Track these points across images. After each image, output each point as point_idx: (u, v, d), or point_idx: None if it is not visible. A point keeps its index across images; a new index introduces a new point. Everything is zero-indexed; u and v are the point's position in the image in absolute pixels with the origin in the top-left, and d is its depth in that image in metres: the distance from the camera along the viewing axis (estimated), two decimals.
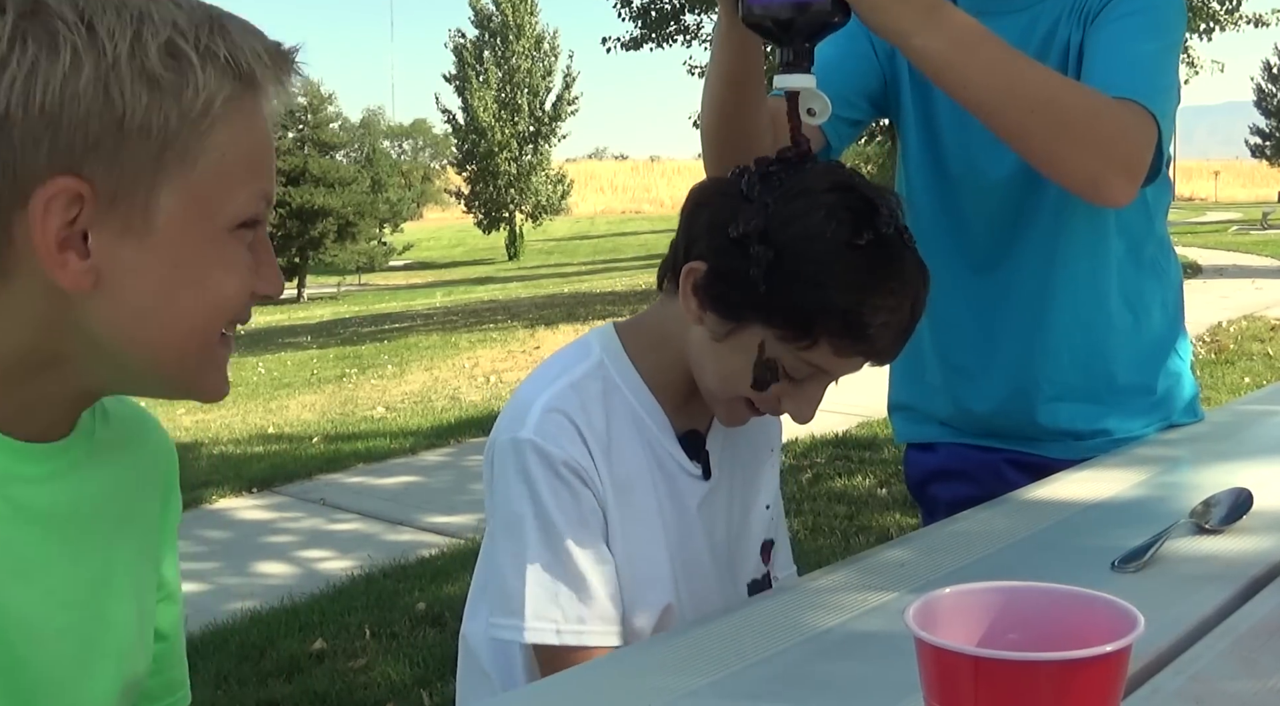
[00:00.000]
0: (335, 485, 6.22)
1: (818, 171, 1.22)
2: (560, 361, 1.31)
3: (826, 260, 1.15)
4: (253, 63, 0.80)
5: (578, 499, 1.22)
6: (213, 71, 0.78)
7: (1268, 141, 62.38)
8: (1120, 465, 1.65)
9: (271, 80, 0.83)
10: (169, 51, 0.76)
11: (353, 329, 16.92)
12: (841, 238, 1.15)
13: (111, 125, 0.75)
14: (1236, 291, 13.44)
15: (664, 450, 1.30)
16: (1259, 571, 1.20)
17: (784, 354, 1.19)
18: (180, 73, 0.76)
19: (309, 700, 3.39)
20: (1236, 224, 35.28)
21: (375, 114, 72.64)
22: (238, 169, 0.81)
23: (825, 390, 1.25)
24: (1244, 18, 18.74)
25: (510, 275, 34.76)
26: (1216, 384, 7.47)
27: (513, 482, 1.22)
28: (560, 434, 1.21)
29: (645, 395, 1.29)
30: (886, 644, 1.03)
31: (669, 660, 1.06)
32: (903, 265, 1.19)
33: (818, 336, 1.17)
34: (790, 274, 1.16)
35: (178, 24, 0.77)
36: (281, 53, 0.84)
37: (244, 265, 0.84)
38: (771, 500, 1.46)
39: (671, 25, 20.05)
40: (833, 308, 1.16)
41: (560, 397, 1.24)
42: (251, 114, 0.82)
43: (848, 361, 1.21)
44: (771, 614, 1.16)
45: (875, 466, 5.65)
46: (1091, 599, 0.74)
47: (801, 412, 1.25)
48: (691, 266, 1.21)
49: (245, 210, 0.83)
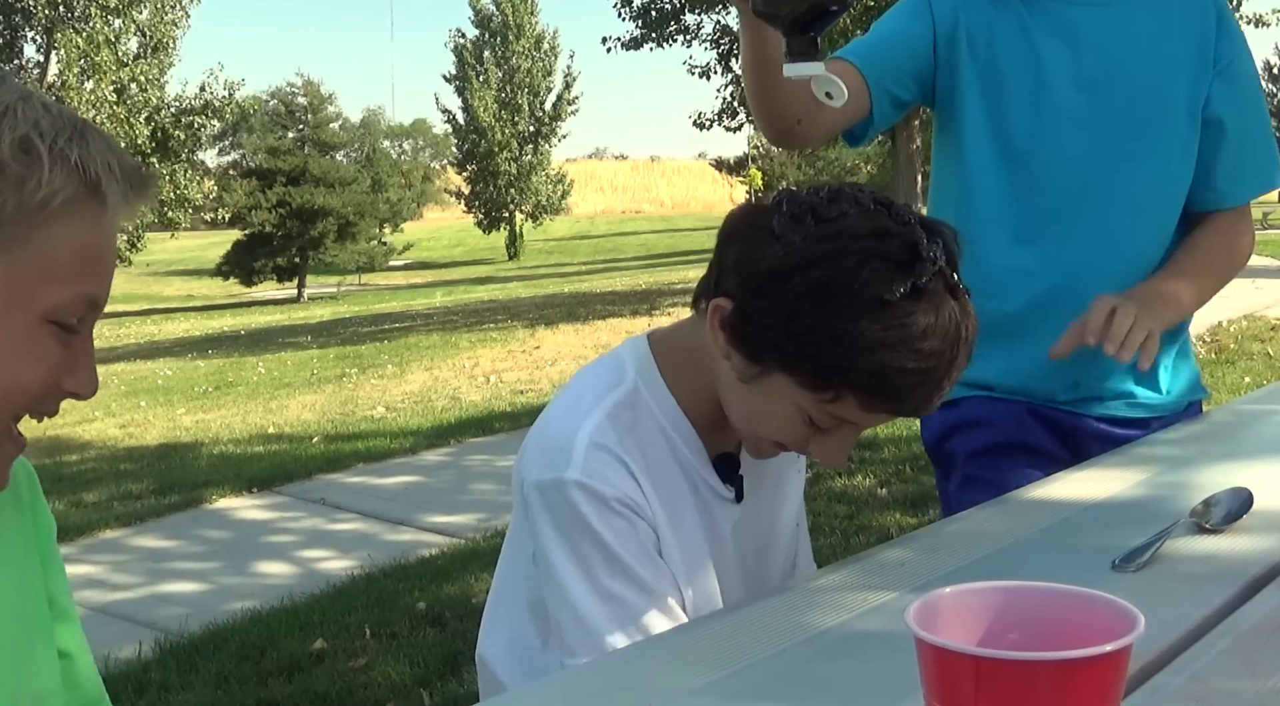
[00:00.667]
0: (335, 485, 6.22)
1: (859, 209, 1.13)
2: (593, 384, 1.25)
3: (852, 315, 1.08)
4: (101, 173, 0.85)
5: (635, 529, 1.19)
6: (60, 172, 0.82)
7: None
8: (1120, 465, 1.65)
9: (118, 194, 0.86)
10: (22, 146, 0.81)
11: (353, 329, 16.92)
12: (873, 292, 1.07)
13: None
14: (1236, 291, 13.40)
15: (698, 475, 1.27)
16: (1259, 571, 1.20)
17: (808, 404, 1.15)
18: (27, 166, 0.81)
19: (309, 700, 3.39)
20: None
21: (375, 114, 72.72)
22: (64, 267, 0.84)
23: (856, 437, 1.20)
24: (1244, 18, 18.75)
25: (510, 275, 34.77)
26: (1217, 384, 7.46)
27: (567, 524, 1.18)
28: (608, 470, 1.18)
29: (680, 419, 1.25)
30: (887, 644, 1.03)
31: (669, 660, 1.06)
32: (937, 321, 1.10)
33: (840, 391, 1.12)
34: (812, 324, 1.10)
35: (39, 124, 0.82)
36: (137, 173, 0.88)
37: (49, 359, 0.86)
38: (800, 517, 1.44)
39: (672, 25, 20.05)
40: (856, 366, 1.10)
41: (601, 432, 1.19)
42: (91, 220, 0.85)
43: (876, 416, 1.16)
44: (771, 614, 1.16)
45: (876, 466, 5.65)
46: (1091, 598, 0.74)
47: (831, 459, 1.21)
48: (718, 303, 1.17)
49: (63, 308, 0.85)
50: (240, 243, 35.40)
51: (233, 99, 27.86)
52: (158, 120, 27.56)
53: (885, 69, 1.62)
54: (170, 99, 28.51)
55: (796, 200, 1.15)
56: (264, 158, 37.90)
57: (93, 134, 0.86)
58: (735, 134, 20.57)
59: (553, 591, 1.20)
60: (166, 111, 27.96)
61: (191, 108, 27.87)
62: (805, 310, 1.10)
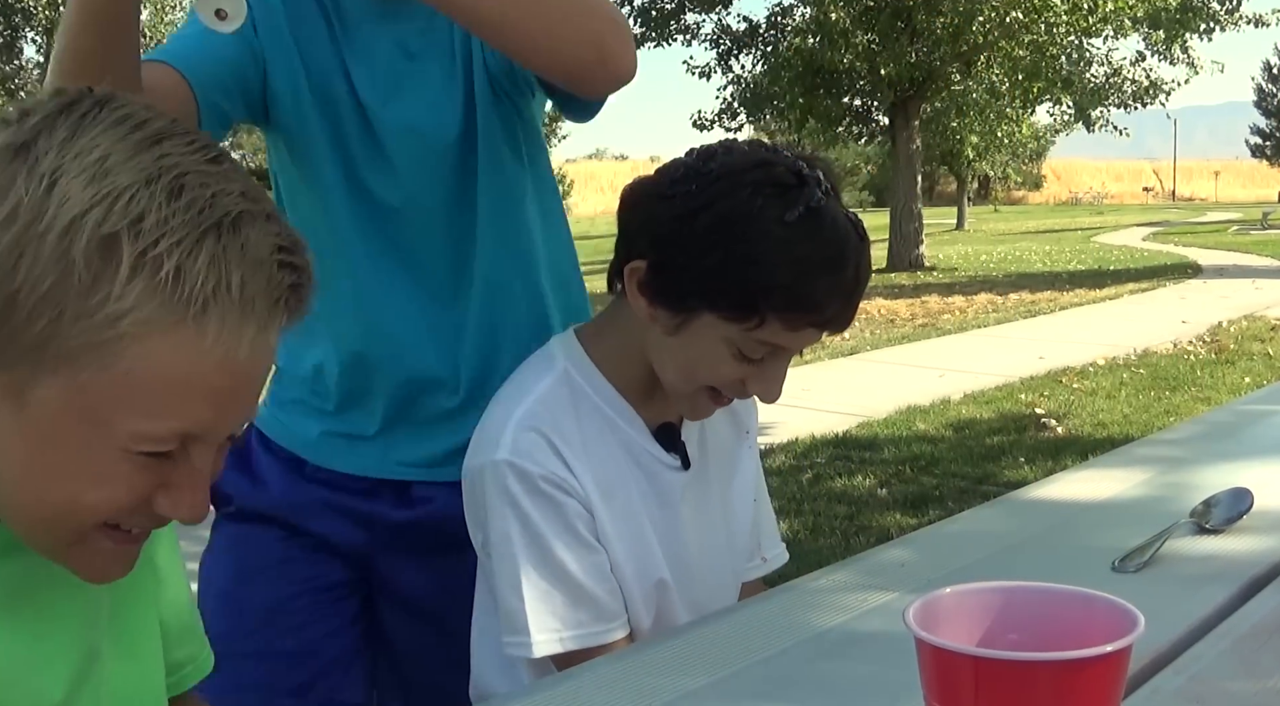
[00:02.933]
0: None
1: (736, 152, 1.22)
2: (525, 376, 1.30)
3: (758, 238, 1.15)
4: (211, 295, 0.69)
5: (561, 508, 1.22)
6: (140, 287, 0.67)
7: (1268, 141, 62.43)
8: (1120, 465, 1.65)
9: (232, 320, 0.70)
10: (104, 246, 0.67)
11: None
12: (771, 214, 1.15)
13: (2, 297, 0.68)
14: (1236, 291, 13.43)
15: (639, 447, 1.30)
16: (1259, 571, 1.20)
17: (736, 336, 1.19)
18: (99, 272, 0.67)
19: None
20: (1236, 224, 35.26)
21: None
22: (144, 397, 0.70)
23: (787, 366, 1.24)
24: (1244, 18, 18.76)
25: None
26: (1217, 384, 7.47)
27: (495, 504, 1.22)
28: (535, 450, 1.22)
29: (613, 396, 1.29)
30: (886, 644, 1.03)
31: (669, 660, 1.06)
32: (837, 231, 1.18)
33: (764, 314, 1.17)
34: (726, 256, 1.16)
35: (145, 220, 0.67)
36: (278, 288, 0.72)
37: (125, 484, 0.74)
38: (757, 491, 1.46)
39: (672, 24, 20.08)
40: (774, 284, 1.16)
41: (530, 415, 1.23)
42: (182, 348, 0.69)
43: (800, 334, 1.20)
44: (771, 614, 1.16)
45: (875, 466, 5.65)
46: (1091, 599, 0.74)
47: (768, 392, 1.25)
48: (632, 266, 1.22)
49: (148, 440, 0.72)
50: None
51: None
52: None
53: (212, 79, 1.29)
54: None
55: (677, 162, 1.24)
56: (264, 158, 37.86)
57: (232, 236, 0.70)
58: (735, 134, 20.59)
59: (492, 570, 1.25)
60: None
61: None
62: (715, 245, 1.16)
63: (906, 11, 17.84)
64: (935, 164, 37.35)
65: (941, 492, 5.13)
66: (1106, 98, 20.22)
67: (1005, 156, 37.28)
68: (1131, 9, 17.25)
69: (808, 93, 19.27)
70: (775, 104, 20.16)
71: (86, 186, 0.68)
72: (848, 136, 22.11)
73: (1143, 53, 19.81)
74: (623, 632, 1.24)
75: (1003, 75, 19.06)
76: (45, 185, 0.68)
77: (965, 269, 18.79)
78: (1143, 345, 9.09)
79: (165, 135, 0.71)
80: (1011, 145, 26.08)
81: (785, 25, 19.96)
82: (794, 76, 19.02)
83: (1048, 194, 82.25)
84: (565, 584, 1.21)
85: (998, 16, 17.01)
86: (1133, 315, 11.60)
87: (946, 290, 14.78)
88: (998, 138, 23.35)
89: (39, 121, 0.70)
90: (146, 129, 0.71)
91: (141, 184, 0.68)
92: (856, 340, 10.06)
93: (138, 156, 0.69)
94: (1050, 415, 6.59)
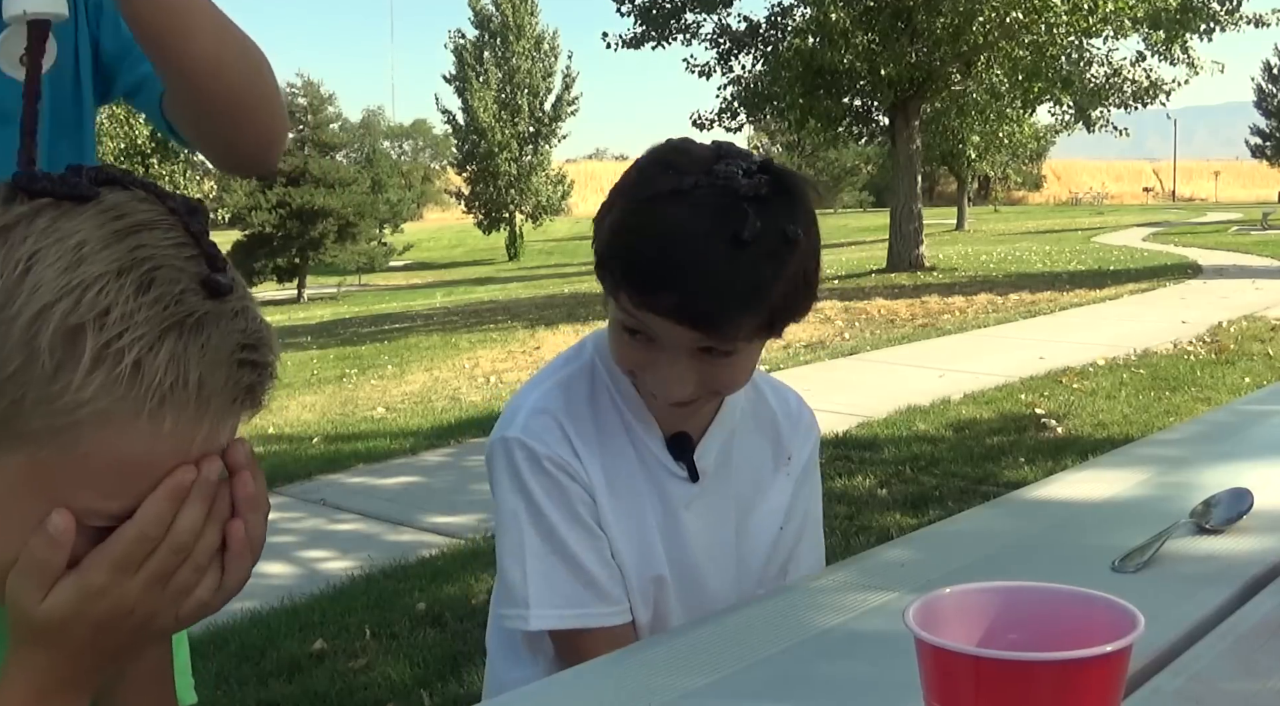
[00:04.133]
0: (336, 485, 6.22)
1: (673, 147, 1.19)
2: (555, 363, 1.34)
3: (618, 201, 1.16)
4: (168, 391, 0.70)
5: (565, 491, 1.24)
6: (100, 378, 0.68)
7: (1268, 142, 62.41)
8: (1120, 465, 1.65)
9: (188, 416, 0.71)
10: (68, 337, 0.68)
11: (353, 329, 16.92)
12: (639, 189, 1.15)
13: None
14: (1237, 292, 13.44)
15: (648, 452, 1.29)
16: (1259, 571, 1.20)
17: (615, 312, 1.18)
18: (61, 362, 0.68)
19: (309, 700, 3.39)
20: (1237, 224, 35.26)
21: (375, 114, 72.78)
22: (100, 478, 0.71)
23: (677, 364, 1.16)
24: (1244, 18, 18.74)
25: (510, 275, 34.77)
26: (1217, 384, 7.47)
27: (504, 480, 1.25)
28: (545, 432, 1.24)
29: (632, 394, 1.29)
30: (887, 644, 1.03)
31: (669, 660, 1.06)
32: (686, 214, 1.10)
33: (617, 285, 1.15)
34: (598, 227, 1.18)
35: (110, 313, 0.68)
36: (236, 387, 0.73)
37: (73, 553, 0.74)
38: (786, 519, 1.39)
39: (672, 24, 20.08)
40: (611, 251, 1.15)
41: (547, 397, 1.27)
42: (142, 437, 0.71)
43: (645, 316, 1.13)
44: (771, 614, 1.16)
45: (875, 467, 5.65)
46: (1091, 599, 0.74)
47: (657, 386, 1.19)
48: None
49: (101, 516, 0.73)
50: (240, 243, 35.38)
51: None
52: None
53: None
54: None
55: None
56: None
57: (194, 335, 0.71)
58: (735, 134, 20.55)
59: (496, 542, 1.27)
60: None
61: None
62: (600, 220, 1.18)
63: (907, 12, 17.84)
64: (935, 164, 37.34)
65: (941, 492, 5.13)
66: (1106, 98, 20.22)
67: (1005, 157, 37.30)
68: (1131, 9, 17.24)
69: (808, 93, 19.26)
70: (775, 104, 20.16)
71: (60, 275, 0.69)
72: (848, 136, 22.10)
73: (1143, 53, 19.80)
74: (623, 619, 1.25)
75: (1003, 75, 19.07)
76: (21, 270, 0.69)
77: (965, 269, 18.79)
78: (1143, 345, 9.09)
79: (145, 226, 0.72)
80: (1012, 145, 26.10)
81: (785, 25, 19.96)
82: (794, 76, 19.02)
83: (1048, 194, 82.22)
84: (568, 562, 1.23)
85: (998, 17, 17.01)
86: (1133, 315, 11.61)
87: (946, 290, 14.78)
88: (998, 138, 23.38)
89: (26, 209, 0.71)
90: (127, 219, 0.72)
91: (113, 275, 0.69)
92: (857, 340, 10.07)
93: (113, 246, 0.70)
94: (1050, 415, 6.59)
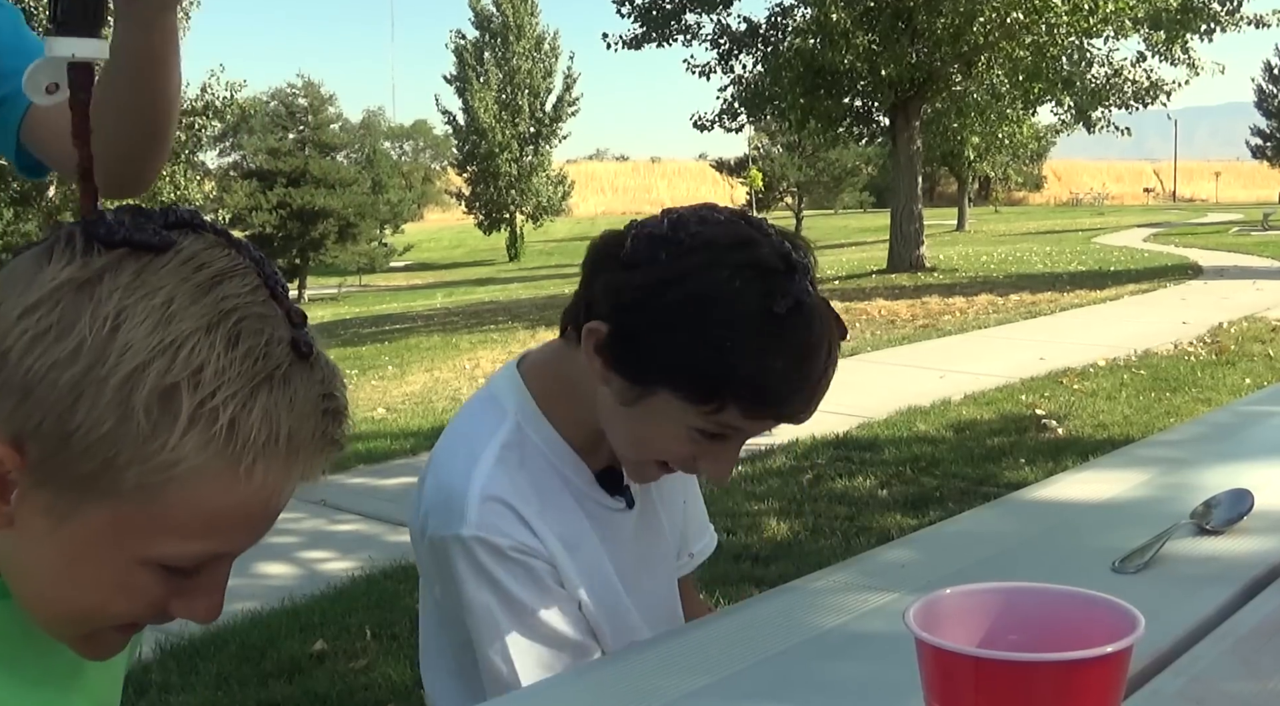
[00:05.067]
0: (336, 486, 6.21)
1: (713, 224, 1.15)
2: (478, 430, 1.27)
3: (730, 323, 1.10)
4: (259, 449, 0.71)
5: (532, 571, 1.21)
6: (195, 438, 0.69)
7: (1268, 142, 62.38)
8: (1120, 465, 1.65)
9: (276, 469, 0.73)
10: (164, 397, 0.69)
11: (353, 330, 16.92)
12: (752, 302, 1.10)
13: (59, 432, 0.69)
14: (1237, 292, 13.44)
15: (585, 496, 1.29)
16: (1260, 572, 1.20)
17: (692, 417, 1.15)
18: (157, 423, 0.69)
19: (309, 701, 3.39)
20: (1237, 225, 35.25)
21: (376, 115, 72.77)
22: (183, 525, 0.73)
23: (740, 448, 1.21)
24: (1244, 18, 18.74)
25: (511, 276, 34.76)
26: (1217, 384, 7.47)
27: (468, 578, 1.20)
28: (500, 521, 1.19)
29: (561, 447, 1.27)
30: (887, 644, 1.03)
31: (669, 660, 1.06)
32: (811, 331, 1.12)
33: (726, 401, 1.12)
34: (694, 337, 1.11)
35: (203, 372, 0.69)
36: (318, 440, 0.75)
37: (148, 596, 0.76)
38: (685, 492, 1.46)
39: (672, 24, 20.09)
40: (740, 374, 1.11)
41: (491, 483, 1.21)
42: (232, 489, 0.72)
43: (759, 422, 1.16)
44: (771, 614, 1.16)
45: (876, 467, 5.65)
46: (1092, 599, 0.74)
47: (718, 472, 1.21)
48: (592, 327, 1.17)
49: (177, 559, 0.75)
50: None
51: (234, 100, 27.87)
52: None
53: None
54: None
55: (646, 224, 1.17)
56: (264, 159, 37.91)
57: (283, 389, 0.72)
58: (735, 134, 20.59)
59: (472, 638, 1.23)
60: None
61: (192, 108, 27.86)
62: (683, 323, 1.11)
63: (907, 12, 17.84)
64: (936, 165, 37.34)
65: (942, 493, 5.13)
66: (1107, 98, 20.23)
67: (1006, 157, 37.28)
68: (1132, 9, 17.24)
69: (808, 93, 19.26)
70: (775, 104, 20.16)
71: (150, 333, 0.69)
72: (848, 137, 22.11)
73: (1143, 53, 19.81)
74: (594, 657, 1.25)
75: (1003, 76, 19.06)
76: (109, 327, 0.69)
77: (966, 270, 18.79)
78: (1143, 346, 9.09)
79: (226, 275, 0.73)
80: (1012, 146, 26.07)
81: (785, 25, 19.96)
82: (794, 77, 19.02)
83: (1048, 195, 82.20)
84: (550, 640, 1.22)
85: (998, 17, 17.01)
86: (1133, 316, 11.60)
87: (947, 291, 14.78)
88: (998, 138, 23.35)
89: (106, 260, 0.71)
90: (207, 270, 0.72)
91: (203, 331, 0.70)
92: (857, 341, 10.06)
93: (200, 301, 0.71)
94: (1051, 416, 6.59)
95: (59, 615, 0.78)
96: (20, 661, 0.84)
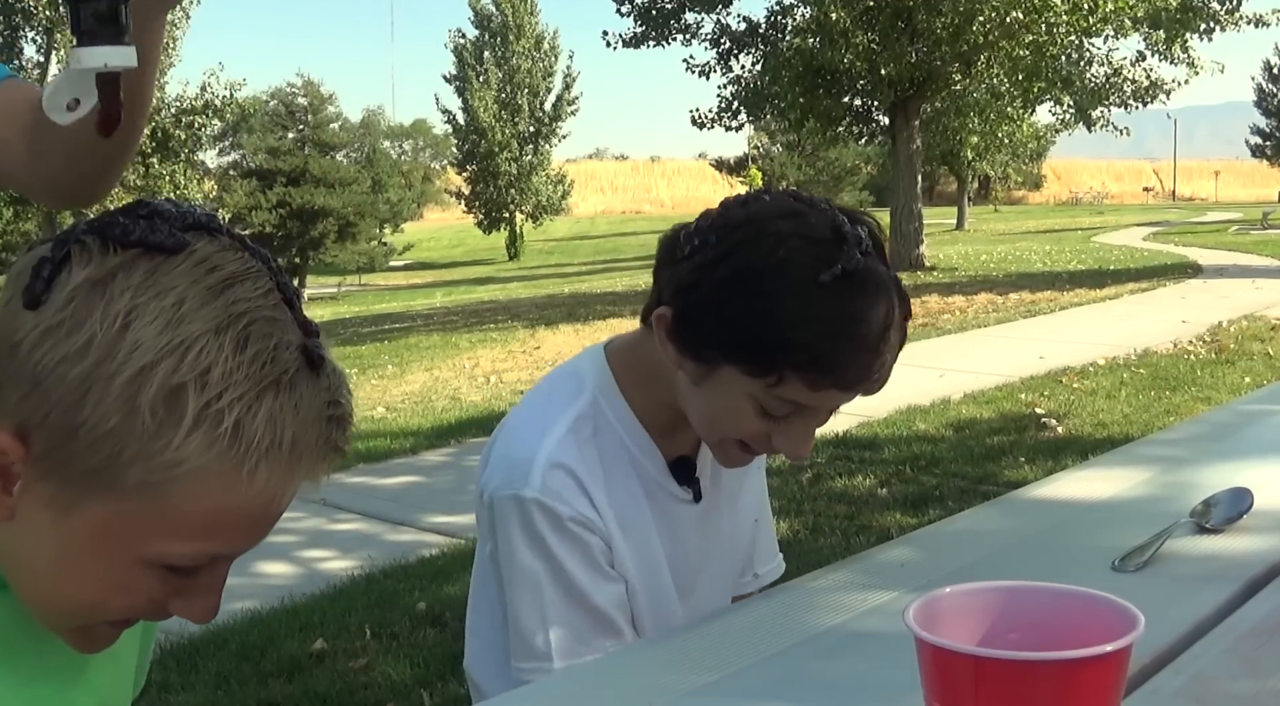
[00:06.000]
0: (336, 485, 6.21)
1: (764, 200, 1.18)
2: (554, 400, 1.28)
3: (779, 294, 1.11)
4: (261, 452, 0.72)
5: (587, 546, 1.22)
6: (200, 439, 0.70)
7: (1268, 141, 62.38)
8: (1120, 465, 1.65)
9: (278, 474, 0.73)
10: (170, 397, 0.69)
11: (353, 329, 16.92)
12: (797, 270, 1.10)
13: (65, 426, 0.70)
14: (1237, 291, 13.44)
15: (655, 482, 1.30)
16: (1259, 571, 1.20)
17: (758, 392, 1.16)
18: (163, 422, 0.69)
19: (309, 700, 3.39)
20: (1237, 224, 35.23)
21: (375, 114, 72.74)
22: (185, 525, 0.73)
23: (815, 425, 1.21)
24: (1244, 18, 18.73)
25: (510, 275, 34.76)
26: (1217, 384, 7.47)
27: (521, 539, 1.21)
28: (564, 490, 1.21)
29: (637, 429, 1.28)
30: (886, 644, 1.03)
31: (669, 660, 1.06)
32: (864, 298, 1.12)
33: (784, 372, 1.13)
34: (743, 310, 1.12)
35: (211, 373, 0.70)
36: (323, 445, 0.75)
37: (147, 593, 0.77)
38: (759, 511, 1.47)
39: (672, 24, 20.08)
40: (792, 342, 1.11)
41: (560, 450, 1.22)
42: (234, 490, 0.72)
43: (824, 395, 1.16)
44: (771, 614, 1.16)
45: (876, 466, 5.65)
46: (1092, 598, 0.74)
47: (794, 450, 1.21)
48: (660, 313, 1.20)
49: (177, 558, 0.75)
50: None
51: (234, 99, 27.87)
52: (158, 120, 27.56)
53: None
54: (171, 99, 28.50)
55: (704, 214, 1.20)
56: (264, 158, 37.92)
57: (289, 394, 0.72)
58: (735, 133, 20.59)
59: (510, 598, 1.24)
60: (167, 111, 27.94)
61: (192, 108, 27.84)
62: (734, 296, 1.13)
63: (907, 11, 17.84)
64: (935, 164, 37.37)
65: (942, 492, 5.13)
66: (1107, 97, 20.22)
67: (1005, 156, 37.32)
68: (1132, 9, 17.24)
69: (808, 92, 19.26)
70: (775, 103, 20.16)
71: (160, 333, 0.70)
72: (848, 136, 22.10)
73: (1143, 52, 19.80)
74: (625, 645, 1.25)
75: (1003, 75, 19.06)
76: (120, 325, 0.70)
77: (965, 269, 18.79)
78: (1143, 345, 9.09)
79: (238, 278, 0.74)
80: (1012, 145, 26.12)
81: (785, 25, 19.96)
82: (794, 76, 19.01)
83: (1048, 194, 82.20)
84: (592, 616, 1.22)
85: (998, 16, 17.00)
86: (1133, 315, 11.60)
87: (947, 290, 14.78)
88: (998, 138, 23.37)
89: (120, 260, 0.72)
90: (219, 273, 0.73)
91: (212, 333, 0.70)
92: None
93: (210, 303, 0.71)
94: (1050, 415, 6.59)
95: (57, 609, 0.79)
96: (17, 656, 0.84)
